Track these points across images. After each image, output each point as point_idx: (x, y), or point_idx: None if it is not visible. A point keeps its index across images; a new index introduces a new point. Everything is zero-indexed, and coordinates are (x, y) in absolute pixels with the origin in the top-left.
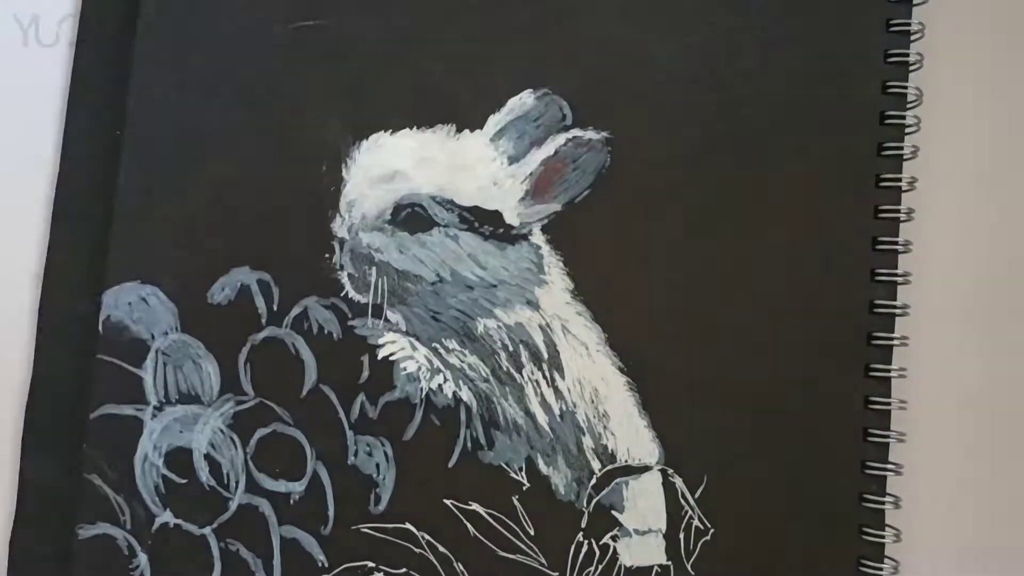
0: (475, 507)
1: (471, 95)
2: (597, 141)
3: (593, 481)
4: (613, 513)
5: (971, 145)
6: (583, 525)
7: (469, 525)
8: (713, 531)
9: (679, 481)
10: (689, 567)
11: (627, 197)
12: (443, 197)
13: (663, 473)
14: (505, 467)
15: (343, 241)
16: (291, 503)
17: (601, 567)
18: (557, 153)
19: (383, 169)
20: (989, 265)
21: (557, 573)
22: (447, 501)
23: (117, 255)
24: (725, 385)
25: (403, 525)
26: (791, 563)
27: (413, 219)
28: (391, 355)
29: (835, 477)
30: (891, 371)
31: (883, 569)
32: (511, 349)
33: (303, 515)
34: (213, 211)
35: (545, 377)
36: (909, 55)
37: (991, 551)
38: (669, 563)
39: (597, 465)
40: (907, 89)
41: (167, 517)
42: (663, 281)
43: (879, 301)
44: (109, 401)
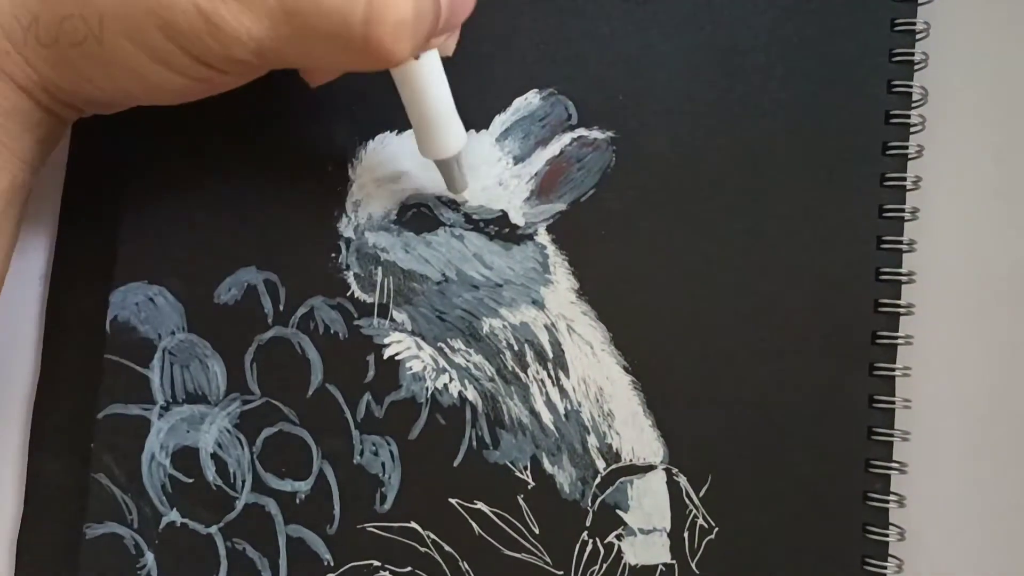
0: (480, 506)
1: (476, 95)
2: (602, 141)
3: (598, 480)
4: (618, 512)
5: (976, 144)
6: (588, 524)
7: (474, 524)
8: (717, 530)
9: (684, 480)
10: (693, 566)
11: (632, 196)
12: (449, 197)
13: (668, 472)
14: (510, 466)
15: (349, 241)
16: (297, 502)
17: (606, 566)
18: (562, 153)
19: (389, 169)
20: (994, 264)
21: (562, 572)
22: (452, 500)
23: (124, 255)
24: (730, 384)
25: (409, 524)
26: (795, 562)
27: (419, 219)
28: (397, 355)
29: (839, 476)
30: (895, 370)
31: (887, 567)
32: (516, 348)
33: (309, 514)
34: (219, 211)
35: (550, 376)
36: (914, 54)
37: (995, 550)
38: (673, 562)
39: (602, 464)
40: (912, 88)
41: (174, 516)
42: (667, 280)
43: (884, 300)
44: (116, 401)
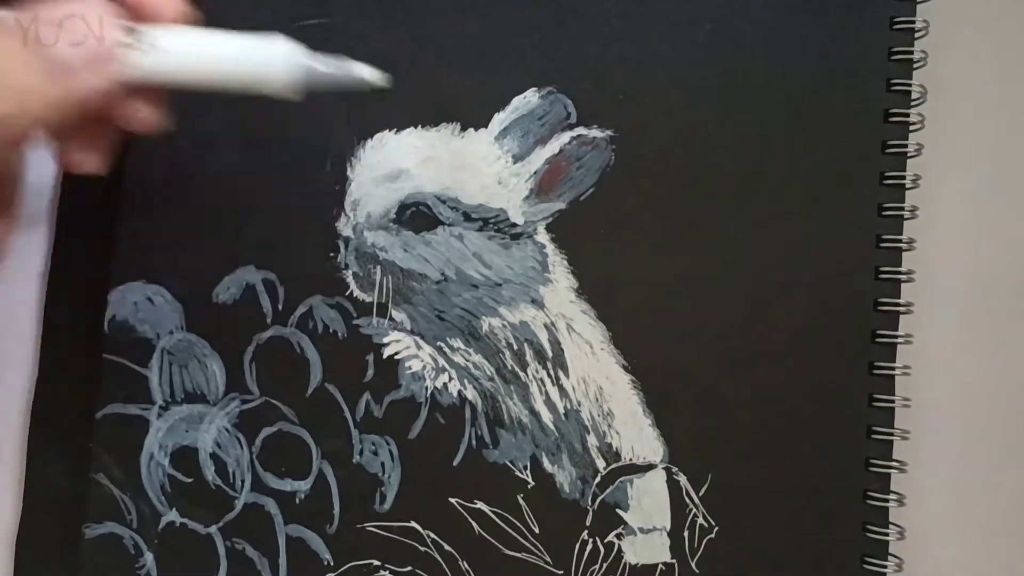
0: (480, 505)
1: (476, 94)
2: (601, 139)
3: (598, 479)
4: (618, 511)
5: (975, 142)
6: (588, 523)
7: (474, 523)
8: (717, 529)
9: (683, 479)
10: (693, 565)
11: (631, 195)
12: (448, 196)
13: (667, 471)
14: (510, 465)
15: (348, 240)
16: (297, 502)
17: (606, 565)
18: (561, 151)
19: (388, 168)
20: (993, 263)
21: (562, 571)
22: (452, 500)
23: (122, 255)
24: (729, 383)
25: (408, 524)
26: (795, 560)
27: (418, 218)
28: (396, 354)
29: (839, 474)
30: (895, 369)
31: (887, 566)
32: (516, 348)
33: (309, 514)
34: (218, 210)
35: (550, 375)
36: (913, 53)
37: (994, 548)
38: (674, 561)
39: (602, 463)
40: (911, 87)
41: (173, 516)
42: (667, 279)
43: (883, 299)
44: (115, 400)
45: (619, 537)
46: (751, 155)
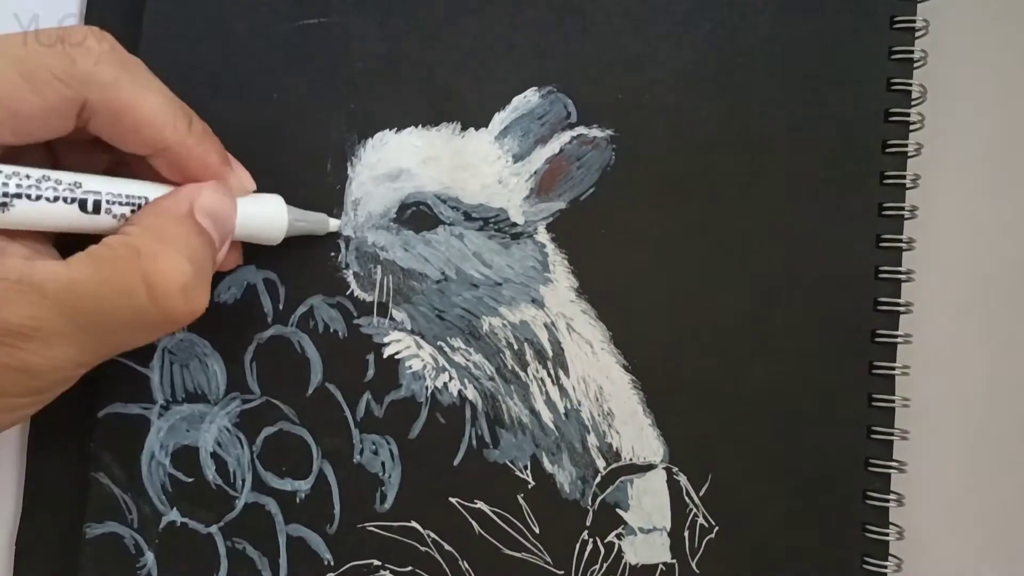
0: (480, 505)
1: (476, 93)
2: (601, 139)
3: (598, 479)
4: (618, 511)
5: (975, 142)
6: (588, 523)
7: (474, 523)
8: (717, 529)
9: (684, 479)
10: (694, 565)
11: (631, 195)
12: (448, 195)
13: (668, 471)
14: (510, 465)
15: (348, 239)
16: (297, 502)
17: (606, 565)
18: (562, 151)
19: (388, 167)
20: (993, 262)
21: (562, 571)
22: (452, 499)
23: None
24: (729, 383)
25: (409, 523)
26: (795, 560)
27: (418, 217)
28: (396, 353)
29: (839, 475)
30: (895, 369)
31: (886, 566)
32: (516, 347)
33: (309, 514)
34: None
35: (550, 375)
36: (913, 52)
37: (994, 548)
38: (674, 561)
39: (602, 463)
40: (911, 86)
41: (174, 516)
42: (667, 279)
43: (883, 299)
44: (116, 400)
45: (619, 537)
46: (751, 154)
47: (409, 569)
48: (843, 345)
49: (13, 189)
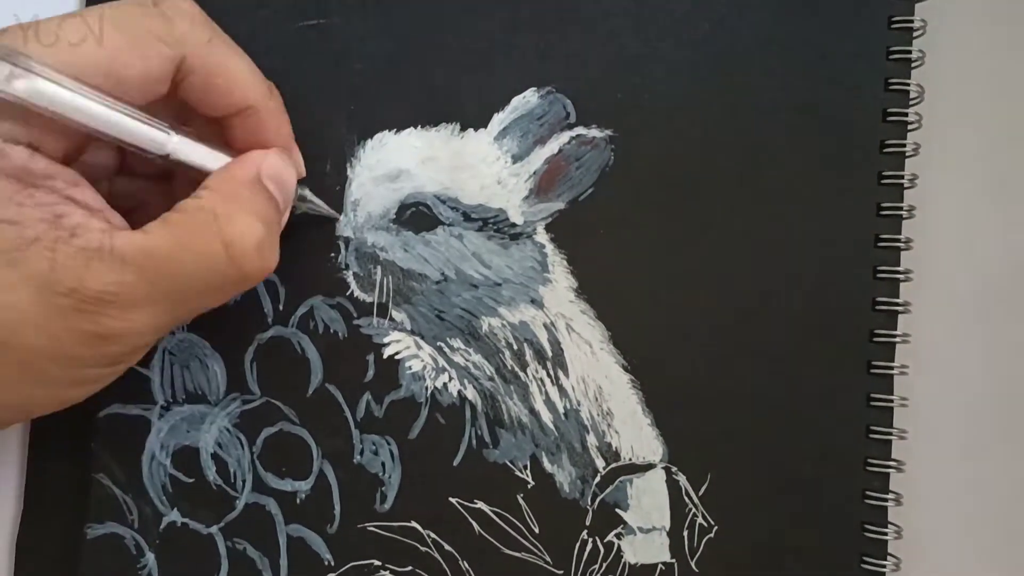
0: (480, 505)
1: (475, 94)
2: (600, 139)
3: (597, 479)
4: (617, 511)
5: (973, 142)
6: (587, 523)
7: (474, 523)
8: (717, 528)
9: (683, 479)
10: (693, 564)
11: (630, 195)
12: (447, 196)
13: (667, 471)
14: (510, 465)
15: (348, 240)
16: (298, 502)
17: (606, 565)
18: (561, 151)
19: (388, 168)
20: (991, 262)
21: (562, 571)
22: (452, 499)
23: None
24: (728, 383)
25: (409, 524)
26: (794, 560)
27: (418, 218)
28: (396, 354)
29: (838, 474)
30: (893, 368)
31: (885, 565)
32: (515, 347)
33: (310, 514)
34: None
35: (549, 375)
36: (911, 52)
37: (993, 548)
38: (673, 560)
39: (601, 463)
40: (909, 86)
41: (174, 516)
42: (666, 279)
43: (881, 298)
44: (116, 400)
45: (619, 537)
46: (749, 154)
47: (409, 569)
48: (841, 345)
49: None
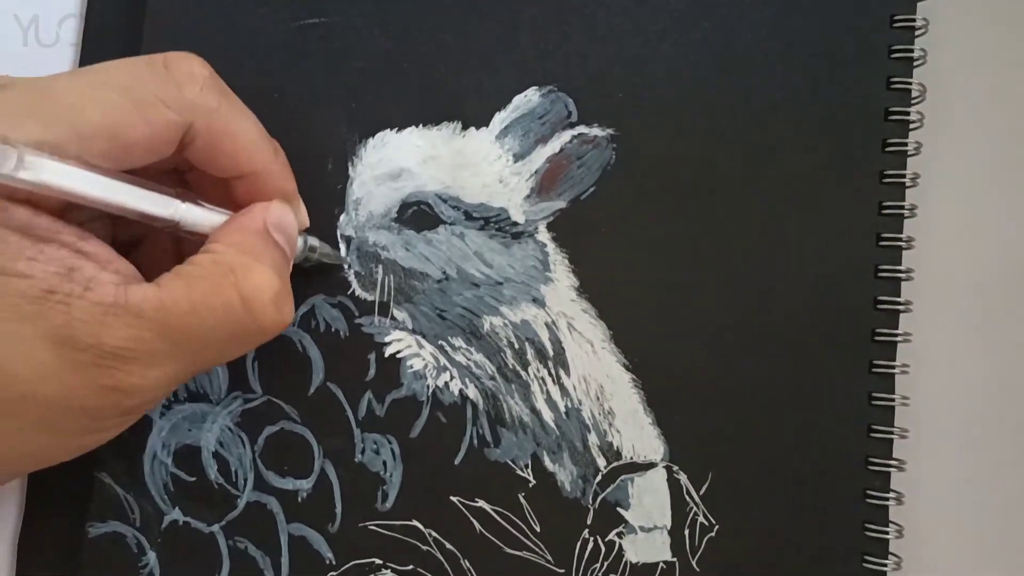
0: (481, 504)
1: (477, 92)
2: (602, 138)
3: (599, 478)
4: (619, 510)
5: (975, 141)
6: (589, 522)
7: (476, 522)
8: (718, 527)
9: (684, 478)
10: (694, 563)
11: (632, 194)
12: (449, 195)
13: (668, 470)
14: (511, 464)
15: (349, 239)
16: (299, 501)
17: (607, 564)
18: (562, 150)
19: (389, 167)
20: (993, 261)
21: (563, 570)
22: (454, 498)
23: None
24: (729, 382)
25: (410, 522)
26: (795, 559)
27: (419, 217)
28: (398, 353)
29: (839, 473)
30: (894, 367)
31: (886, 564)
32: (517, 346)
33: (311, 513)
34: None
35: (551, 374)
36: (913, 51)
37: (994, 547)
38: (674, 559)
39: (603, 462)
40: (911, 85)
41: (176, 515)
42: (667, 278)
43: (882, 297)
44: None
45: (620, 536)
46: (751, 153)
47: (411, 568)
48: (843, 344)
49: None
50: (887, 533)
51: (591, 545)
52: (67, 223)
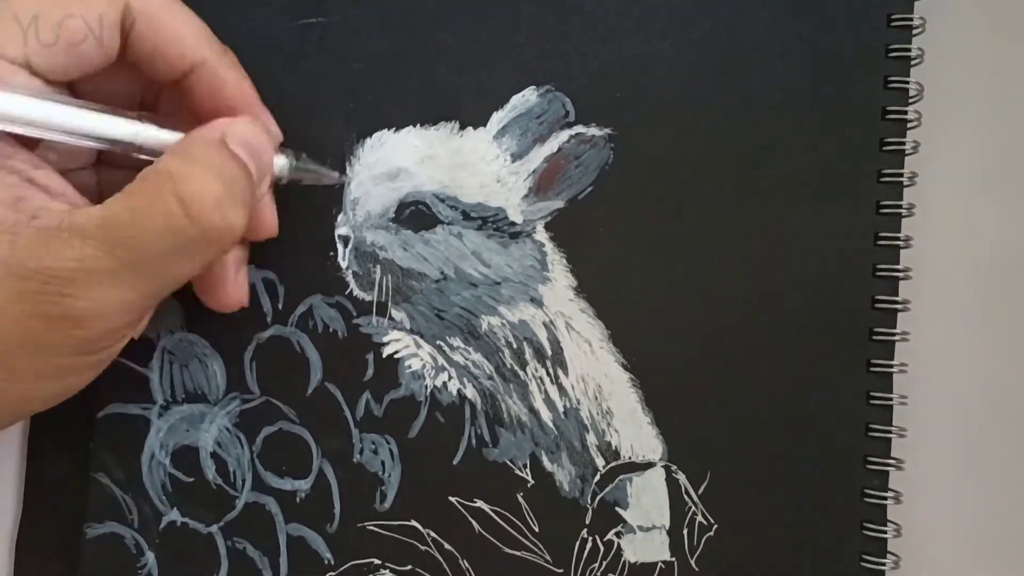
0: (480, 504)
1: (474, 92)
2: (600, 138)
3: (597, 478)
4: (617, 510)
5: (973, 140)
6: (587, 522)
7: (474, 522)
8: (716, 527)
9: (682, 477)
10: (693, 563)
11: (629, 194)
12: (447, 195)
13: (666, 469)
14: (510, 464)
15: (347, 239)
16: (297, 501)
17: (605, 563)
18: (560, 150)
19: (387, 167)
20: (990, 260)
21: (562, 570)
22: (452, 498)
23: None
24: (728, 381)
25: (409, 522)
26: (794, 558)
27: (417, 217)
28: (396, 353)
29: (837, 472)
30: (892, 367)
31: (884, 563)
32: (515, 346)
33: (309, 513)
34: None
35: (549, 374)
36: (910, 50)
37: (992, 546)
38: (673, 559)
39: (601, 462)
40: (908, 84)
41: (174, 515)
42: (665, 278)
43: (880, 297)
44: (116, 400)
45: (618, 535)
46: (749, 153)
47: (409, 568)
48: (841, 343)
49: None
50: (885, 532)
51: (590, 545)
52: (22, 147)
